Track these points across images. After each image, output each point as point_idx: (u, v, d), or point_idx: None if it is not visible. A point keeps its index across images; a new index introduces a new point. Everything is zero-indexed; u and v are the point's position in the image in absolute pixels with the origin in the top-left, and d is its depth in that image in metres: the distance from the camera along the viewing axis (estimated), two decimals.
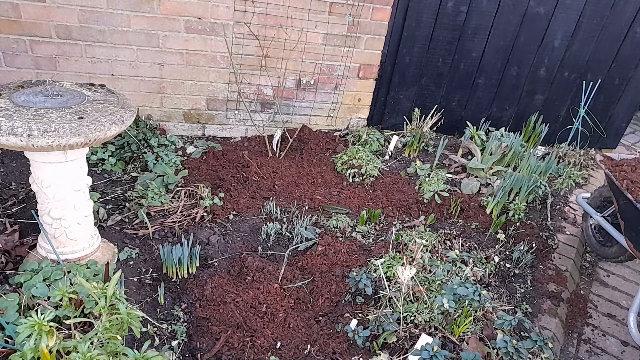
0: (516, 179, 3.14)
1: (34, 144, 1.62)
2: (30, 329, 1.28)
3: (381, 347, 2.00)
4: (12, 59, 3.02)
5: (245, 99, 3.62)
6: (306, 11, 3.39)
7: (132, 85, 3.32)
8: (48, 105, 1.81)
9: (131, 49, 3.19)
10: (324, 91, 3.80)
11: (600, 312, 2.60)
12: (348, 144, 3.77)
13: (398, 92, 3.97)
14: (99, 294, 1.44)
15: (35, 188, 1.94)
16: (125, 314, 1.44)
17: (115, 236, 2.45)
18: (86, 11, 2.98)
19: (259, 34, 3.35)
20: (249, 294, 2.19)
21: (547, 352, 1.95)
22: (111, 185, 2.88)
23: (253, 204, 2.91)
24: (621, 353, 2.35)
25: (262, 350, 1.96)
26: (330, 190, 3.19)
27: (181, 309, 2.10)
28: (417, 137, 3.80)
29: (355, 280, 2.23)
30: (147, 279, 2.22)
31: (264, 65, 3.48)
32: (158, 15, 3.12)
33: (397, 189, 3.30)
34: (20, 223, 2.39)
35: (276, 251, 2.55)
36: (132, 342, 1.84)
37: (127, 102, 2.00)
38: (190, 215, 2.65)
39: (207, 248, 2.46)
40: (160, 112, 3.51)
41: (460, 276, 2.40)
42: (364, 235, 2.75)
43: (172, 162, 3.08)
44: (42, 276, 1.91)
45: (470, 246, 2.76)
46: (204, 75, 3.44)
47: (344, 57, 3.67)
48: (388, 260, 2.39)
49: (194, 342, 1.95)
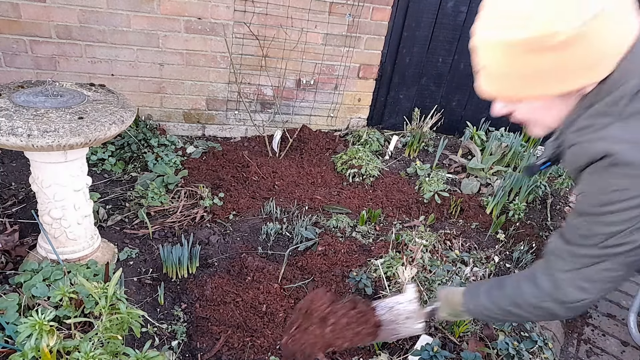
0: (516, 179, 3.14)
1: (34, 144, 1.62)
2: (31, 328, 1.28)
3: (381, 347, 2.00)
4: (12, 59, 3.02)
5: (245, 99, 3.62)
6: (306, 11, 3.39)
7: (132, 85, 3.32)
8: (48, 105, 1.81)
9: (131, 49, 3.19)
10: (324, 91, 3.80)
11: (600, 312, 2.60)
12: (348, 144, 3.77)
13: (398, 92, 3.97)
14: (100, 293, 1.44)
15: (35, 188, 1.94)
16: (126, 313, 1.44)
17: (115, 236, 2.45)
18: (86, 11, 2.98)
19: (259, 34, 3.35)
20: (249, 293, 2.19)
21: (547, 352, 1.95)
22: (111, 185, 2.88)
23: (253, 204, 2.91)
24: (621, 353, 2.35)
25: (262, 350, 1.96)
26: (330, 190, 3.19)
27: (181, 309, 2.10)
28: (417, 137, 3.80)
29: (355, 280, 2.24)
30: (147, 279, 2.22)
31: (264, 65, 3.48)
32: (158, 15, 3.12)
33: (397, 189, 3.30)
34: (20, 223, 2.39)
35: (276, 251, 2.55)
36: (132, 342, 1.84)
37: (127, 102, 2.00)
38: (190, 215, 2.65)
39: (207, 248, 2.46)
40: (160, 112, 3.51)
41: (461, 276, 2.40)
42: (364, 235, 2.75)
43: (172, 162, 3.08)
44: (42, 276, 1.91)
45: (470, 246, 2.76)
46: (204, 75, 3.44)
47: (344, 57, 3.67)
48: (388, 260, 2.39)
49: (194, 342, 1.96)
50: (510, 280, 1.29)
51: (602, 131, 0.97)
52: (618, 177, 0.96)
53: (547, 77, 0.96)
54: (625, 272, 1.08)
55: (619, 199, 0.97)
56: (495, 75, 1.03)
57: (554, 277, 1.15)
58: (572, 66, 0.94)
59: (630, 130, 0.94)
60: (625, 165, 0.94)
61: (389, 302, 1.53)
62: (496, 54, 0.98)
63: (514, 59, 0.95)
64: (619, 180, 0.96)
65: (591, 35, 0.89)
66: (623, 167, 0.94)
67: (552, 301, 1.16)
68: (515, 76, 0.99)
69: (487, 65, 1.03)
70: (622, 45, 0.94)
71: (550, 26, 0.88)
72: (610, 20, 0.89)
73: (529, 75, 0.97)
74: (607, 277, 1.07)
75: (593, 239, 1.05)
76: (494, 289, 1.32)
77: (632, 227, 0.99)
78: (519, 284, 1.25)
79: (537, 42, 0.90)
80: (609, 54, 0.94)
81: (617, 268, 1.06)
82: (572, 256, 1.11)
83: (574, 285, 1.12)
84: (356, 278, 2.24)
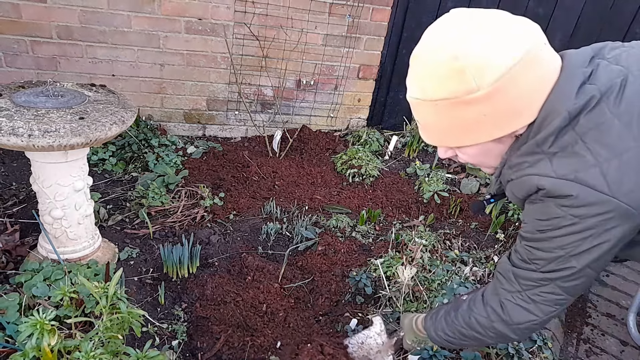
0: None
1: (35, 144, 1.63)
2: (32, 328, 1.29)
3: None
4: (12, 59, 3.03)
5: (246, 99, 3.63)
6: (306, 12, 3.39)
7: (133, 85, 3.33)
8: (49, 105, 1.81)
9: (132, 50, 3.19)
10: (323, 91, 3.81)
11: (599, 312, 2.60)
12: (348, 144, 3.77)
13: (398, 93, 3.97)
14: (100, 293, 1.44)
15: (36, 188, 1.94)
16: (127, 313, 1.45)
17: (115, 236, 2.46)
18: (87, 12, 2.99)
19: (259, 34, 3.36)
20: (249, 293, 2.19)
21: (547, 352, 1.95)
22: (112, 185, 2.89)
23: (253, 203, 2.92)
24: (620, 353, 2.35)
25: (262, 349, 1.97)
26: (330, 190, 3.20)
27: (181, 309, 2.10)
28: (416, 137, 3.80)
29: (355, 279, 2.24)
30: (147, 279, 2.23)
31: (264, 66, 3.49)
32: (159, 16, 3.13)
33: (397, 189, 3.30)
34: (21, 223, 2.40)
35: (276, 251, 2.56)
36: (133, 341, 1.85)
37: (127, 102, 2.01)
38: (190, 215, 2.66)
39: (208, 248, 2.46)
40: (161, 112, 3.52)
41: (460, 276, 2.40)
42: (363, 235, 2.76)
43: (173, 162, 3.08)
44: (42, 276, 1.91)
45: (469, 246, 2.76)
46: (204, 75, 3.45)
47: (344, 57, 3.68)
48: (388, 260, 2.40)
49: (195, 342, 1.96)
50: (465, 302, 1.33)
51: (533, 167, 1.04)
52: (552, 207, 1.03)
53: (477, 127, 1.02)
54: (566, 296, 1.13)
55: (554, 227, 1.04)
56: (430, 128, 1.11)
57: (499, 297, 1.21)
58: (498, 115, 1.00)
59: (557, 165, 1.00)
60: (556, 198, 1.01)
61: (359, 338, 1.60)
62: (426, 110, 1.05)
63: (442, 114, 1.02)
64: (553, 209, 1.03)
65: (509, 86, 0.95)
66: (555, 199, 1.01)
67: (500, 322, 1.22)
68: (447, 128, 1.06)
69: (421, 120, 1.11)
70: (544, 87, 1.00)
71: (468, 84, 0.95)
72: (526, 69, 0.95)
73: (459, 126, 1.04)
74: (550, 299, 1.13)
75: (534, 264, 1.12)
76: (451, 310, 1.36)
77: (568, 253, 1.05)
78: (469, 306, 1.30)
79: (459, 98, 0.97)
80: (532, 98, 1.00)
81: (558, 292, 1.12)
82: (516, 277, 1.17)
83: (518, 307, 1.18)
84: (356, 278, 2.24)
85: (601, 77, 1.00)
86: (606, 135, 0.96)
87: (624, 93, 0.98)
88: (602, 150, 0.96)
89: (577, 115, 0.98)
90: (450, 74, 0.96)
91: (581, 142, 0.97)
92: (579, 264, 1.05)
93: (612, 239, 1.01)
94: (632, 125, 0.96)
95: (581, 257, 1.04)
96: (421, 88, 1.03)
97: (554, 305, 1.14)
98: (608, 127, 0.96)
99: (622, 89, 0.98)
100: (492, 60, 0.93)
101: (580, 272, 1.07)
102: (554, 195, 1.01)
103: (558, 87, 1.00)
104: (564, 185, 0.98)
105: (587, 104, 0.97)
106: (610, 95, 0.98)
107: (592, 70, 1.01)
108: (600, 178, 0.95)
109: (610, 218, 0.97)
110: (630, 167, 0.95)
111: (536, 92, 1.00)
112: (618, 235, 1.00)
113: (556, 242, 1.05)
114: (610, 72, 1.00)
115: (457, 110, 0.99)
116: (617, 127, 0.96)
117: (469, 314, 1.28)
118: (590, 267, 1.06)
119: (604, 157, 0.95)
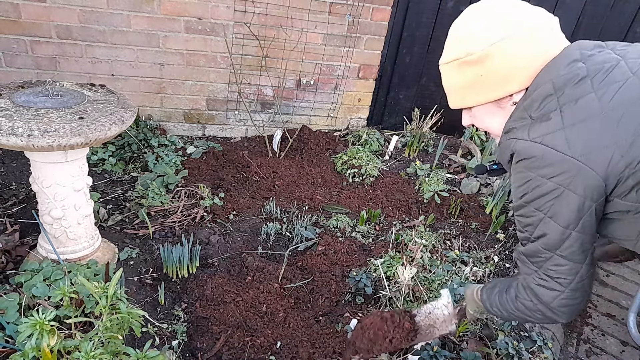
0: None
1: (34, 144, 1.62)
2: (32, 328, 1.28)
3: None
4: (12, 59, 3.02)
5: (246, 99, 3.62)
6: (306, 11, 3.39)
7: (133, 85, 3.32)
8: (48, 105, 1.81)
9: (131, 49, 3.19)
10: (323, 91, 3.81)
11: (599, 312, 2.60)
12: (348, 144, 3.77)
13: (398, 92, 3.97)
14: (100, 293, 1.44)
15: (36, 188, 1.94)
16: (126, 313, 1.45)
17: (115, 236, 2.46)
18: (86, 11, 2.99)
19: (259, 34, 3.36)
20: (249, 293, 2.19)
21: (547, 352, 1.95)
22: (111, 185, 2.89)
23: (253, 203, 2.92)
24: (620, 353, 2.35)
25: (262, 349, 1.97)
26: (330, 190, 3.20)
27: (181, 309, 2.10)
28: (416, 137, 3.80)
29: (355, 280, 2.24)
30: (147, 279, 2.23)
31: (264, 66, 3.49)
32: (158, 16, 3.13)
33: (397, 189, 3.30)
34: (21, 223, 2.40)
35: (276, 251, 2.56)
36: (133, 341, 1.85)
37: (127, 102, 2.01)
38: (190, 215, 2.65)
39: (207, 248, 2.46)
40: (161, 112, 3.51)
41: (460, 276, 2.40)
42: (363, 235, 2.76)
43: (173, 162, 3.08)
44: (42, 276, 1.91)
45: (470, 246, 2.76)
46: (204, 75, 3.44)
47: (344, 57, 3.68)
48: (388, 260, 2.40)
49: (194, 342, 1.96)
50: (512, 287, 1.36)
51: (517, 132, 1.15)
52: (524, 172, 1.13)
53: (478, 86, 1.20)
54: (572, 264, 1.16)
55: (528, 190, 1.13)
56: (448, 91, 1.31)
57: (527, 283, 1.26)
58: (491, 78, 1.17)
59: (533, 129, 1.11)
60: (524, 160, 1.11)
61: (427, 308, 1.69)
62: (444, 72, 1.28)
63: (452, 74, 1.25)
64: (525, 173, 1.12)
65: (498, 54, 1.13)
66: (523, 161, 1.12)
67: (540, 304, 1.25)
68: (456, 88, 1.26)
69: (444, 84, 1.31)
70: (537, 62, 1.15)
71: (465, 48, 1.17)
72: (514, 45, 1.12)
73: (465, 86, 1.23)
74: (562, 271, 1.17)
75: (526, 233, 1.20)
76: (503, 291, 1.39)
77: (546, 214, 1.12)
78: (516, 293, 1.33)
79: (460, 59, 1.19)
80: (520, 67, 1.15)
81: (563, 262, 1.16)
82: (527, 257, 1.23)
83: (540, 287, 1.22)
84: (356, 278, 2.24)
85: (596, 60, 1.10)
86: (580, 106, 1.06)
87: (610, 73, 1.07)
88: (571, 117, 1.06)
89: (562, 87, 1.09)
90: (455, 42, 1.21)
91: (558, 110, 1.08)
92: (558, 223, 1.11)
93: (578, 197, 1.07)
94: (605, 97, 1.04)
95: (558, 217, 1.11)
96: (442, 56, 1.26)
97: (568, 276, 1.17)
98: (585, 100, 1.06)
99: (611, 70, 1.08)
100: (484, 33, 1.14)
101: (565, 234, 1.12)
102: (522, 158, 1.11)
103: (552, 61, 1.13)
104: (530, 147, 1.10)
105: (572, 77, 1.08)
106: (597, 74, 1.08)
107: (593, 55, 1.12)
108: (562, 140, 1.05)
109: (573, 176, 1.05)
110: (592, 132, 1.04)
111: (527, 64, 1.14)
112: (582, 194, 1.06)
113: (533, 204, 1.13)
114: (606, 57, 1.11)
115: (462, 71, 1.20)
116: (591, 99, 1.05)
117: (515, 298, 1.33)
118: (571, 227, 1.11)
119: (571, 122, 1.06)
